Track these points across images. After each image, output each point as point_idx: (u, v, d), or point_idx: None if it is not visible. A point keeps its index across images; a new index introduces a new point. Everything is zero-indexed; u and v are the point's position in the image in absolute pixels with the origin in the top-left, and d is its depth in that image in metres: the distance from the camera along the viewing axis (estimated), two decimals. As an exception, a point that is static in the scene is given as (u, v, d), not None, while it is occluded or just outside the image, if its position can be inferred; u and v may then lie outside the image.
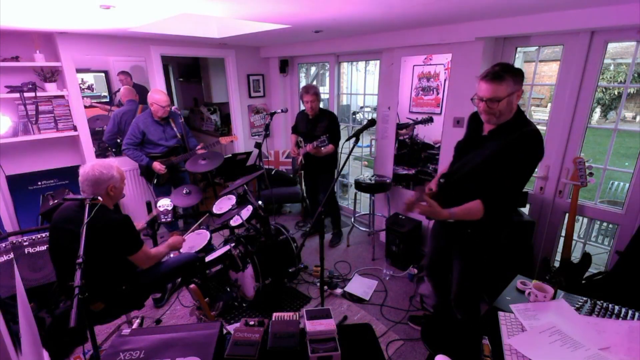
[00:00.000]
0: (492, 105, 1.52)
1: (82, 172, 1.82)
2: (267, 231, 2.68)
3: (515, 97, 1.53)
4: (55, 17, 2.48)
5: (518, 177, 1.56)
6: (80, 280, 1.26)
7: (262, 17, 2.49)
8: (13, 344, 1.27)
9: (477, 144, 1.71)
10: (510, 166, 1.53)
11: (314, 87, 3.25)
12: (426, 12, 2.33)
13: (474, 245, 1.80)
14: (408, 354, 2.26)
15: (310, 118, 3.32)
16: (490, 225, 1.71)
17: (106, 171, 1.85)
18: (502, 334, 1.27)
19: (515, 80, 1.50)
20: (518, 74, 1.52)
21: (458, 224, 1.70)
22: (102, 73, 3.57)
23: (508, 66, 1.52)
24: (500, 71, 1.49)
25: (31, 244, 2.53)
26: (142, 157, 3.26)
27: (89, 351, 2.07)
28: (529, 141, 1.52)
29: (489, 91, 1.51)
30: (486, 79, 1.52)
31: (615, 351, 1.15)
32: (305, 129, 3.37)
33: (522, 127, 1.55)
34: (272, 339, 1.17)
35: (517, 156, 1.52)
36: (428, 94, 3.09)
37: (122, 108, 3.63)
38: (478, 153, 1.66)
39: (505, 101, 1.50)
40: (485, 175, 1.59)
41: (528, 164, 1.55)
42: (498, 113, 1.54)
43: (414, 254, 3.22)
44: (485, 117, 1.61)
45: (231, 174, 3.98)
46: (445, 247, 2.02)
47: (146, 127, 3.24)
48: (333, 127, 3.26)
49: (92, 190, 1.82)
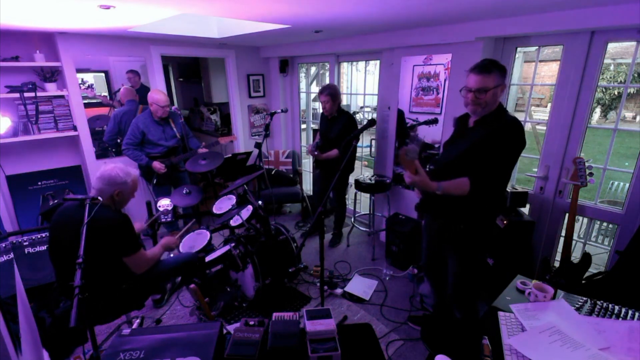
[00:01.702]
0: (480, 95, 1.65)
1: (102, 168, 1.88)
2: (267, 231, 2.68)
3: (499, 90, 1.67)
4: (55, 17, 2.48)
5: (502, 159, 1.67)
6: (80, 280, 1.26)
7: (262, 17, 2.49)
8: (13, 344, 1.27)
9: (462, 136, 1.84)
10: (496, 149, 1.65)
11: (329, 88, 3.23)
12: (426, 12, 2.34)
13: (467, 242, 1.85)
14: (408, 354, 2.26)
15: (329, 119, 3.33)
16: (481, 218, 1.81)
17: (123, 175, 1.89)
18: (502, 334, 1.27)
19: (501, 75, 1.65)
20: (503, 70, 1.66)
21: (449, 216, 1.82)
22: (102, 73, 3.57)
23: (495, 61, 1.67)
24: (489, 64, 1.64)
25: (31, 244, 2.53)
26: (142, 156, 3.26)
27: (89, 351, 2.07)
28: (512, 128, 1.66)
29: (478, 82, 1.64)
30: (475, 71, 1.65)
31: (615, 351, 1.14)
32: (323, 129, 3.38)
33: (503, 117, 1.71)
34: (272, 339, 1.17)
35: (501, 141, 1.65)
36: (428, 94, 3.09)
37: (122, 108, 3.63)
38: (464, 141, 1.79)
39: (491, 92, 1.64)
40: (471, 158, 1.70)
41: (512, 148, 1.67)
42: (484, 104, 1.67)
43: (414, 254, 3.22)
44: (471, 108, 1.73)
45: (231, 174, 3.98)
46: (438, 243, 2.05)
47: (146, 127, 3.24)
48: (347, 128, 3.20)
49: (101, 187, 1.85)
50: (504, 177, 1.75)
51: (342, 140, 3.12)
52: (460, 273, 1.94)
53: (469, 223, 1.81)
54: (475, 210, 1.77)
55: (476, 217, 1.80)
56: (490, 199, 1.77)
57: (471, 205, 1.75)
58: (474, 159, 1.69)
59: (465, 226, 1.80)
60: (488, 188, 1.70)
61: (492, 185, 1.71)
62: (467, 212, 1.78)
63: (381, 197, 3.71)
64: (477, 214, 1.79)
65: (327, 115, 3.32)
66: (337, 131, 3.22)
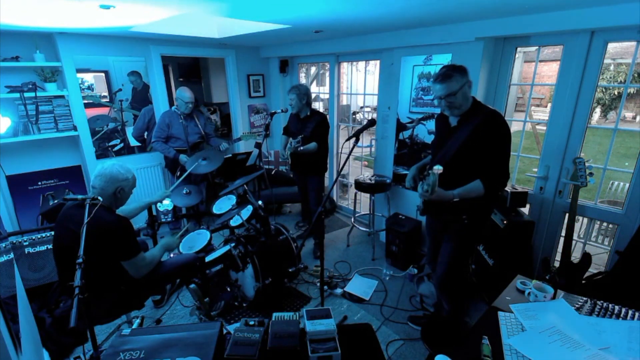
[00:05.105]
0: (451, 99, 1.78)
1: (101, 167, 1.88)
2: (267, 231, 2.68)
3: (467, 87, 1.79)
4: (55, 17, 2.48)
5: (501, 152, 1.80)
6: (80, 280, 1.26)
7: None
8: (13, 344, 1.27)
9: (449, 136, 1.93)
10: (492, 145, 1.77)
11: (295, 88, 3.18)
12: (426, 12, 2.34)
13: (467, 232, 1.97)
14: (408, 354, 2.26)
15: (301, 118, 3.29)
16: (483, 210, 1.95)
17: (124, 172, 1.91)
18: (502, 334, 1.27)
19: (461, 75, 1.77)
20: (462, 69, 1.78)
21: (453, 213, 1.91)
22: (102, 73, 3.57)
23: (452, 65, 1.80)
24: (447, 71, 1.77)
25: (31, 244, 2.53)
26: (170, 149, 3.43)
27: (89, 351, 2.06)
28: (496, 120, 1.79)
29: (443, 90, 1.77)
30: (437, 80, 1.79)
31: (615, 351, 1.15)
32: (295, 128, 3.35)
33: (481, 109, 1.84)
34: (272, 339, 1.17)
35: (493, 135, 1.77)
36: (428, 93, 3.09)
37: (150, 106, 3.90)
38: (453, 142, 1.88)
39: (460, 93, 1.77)
40: (467, 156, 1.82)
41: (505, 138, 1.79)
42: (458, 104, 1.80)
43: (414, 254, 3.22)
44: (449, 112, 1.87)
45: (231, 174, 3.98)
46: (442, 239, 2.11)
47: (171, 121, 3.43)
48: (319, 128, 3.18)
49: (103, 186, 1.84)
50: (507, 169, 1.84)
51: (316, 137, 3.13)
52: (454, 260, 2.03)
53: (472, 215, 1.91)
54: (477, 203, 1.86)
55: (478, 209, 1.91)
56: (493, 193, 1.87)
57: (473, 199, 1.84)
58: (469, 157, 1.82)
59: (468, 216, 1.91)
60: (500, 183, 1.84)
61: (502, 179, 1.83)
62: (470, 206, 1.87)
63: (381, 197, 3.71)
64: (479, 206, 1.89)
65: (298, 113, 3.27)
66: (310, 129, 3.18)
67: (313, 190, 3.38)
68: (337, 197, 4.75)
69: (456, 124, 1.90)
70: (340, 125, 4.49)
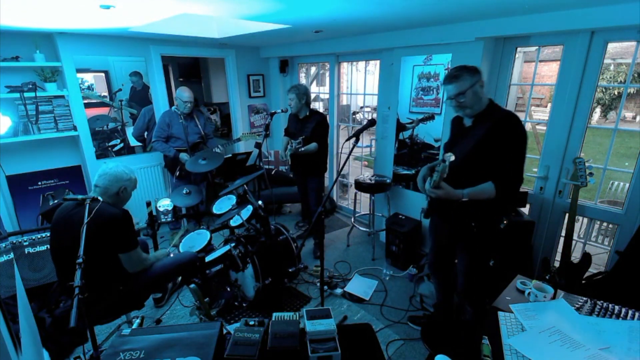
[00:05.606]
0: (460, 99, 1.76)
1: (105, 166, 1.93)
2: (267, 231, 2.68)
3: (478, 86, 1.75)
4: (55, 17, 2.48)
5: (517, 155, 1.74)
6: (80, 280, 1.26)
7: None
8: (13, 344, 1.27)
9: (463, 136, 1.89)
10: (507, 147, 1.72)
11: (294, 87, 3.18)
12: (426, 12, 2.33)
13: (479, 239, 1.90)
14: (408, 354, 2.26)
15: (300, 118, 3.29)
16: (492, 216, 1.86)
17: (128, 172, 1.98)
18: (502, 334, 1.27)
19: (471, 74, 1.74)
20: (471, 69, 1.76)
21: (460, 216, 1.86)
22: (102, 73, 3.57)
23: (461, 66, 1.78)
24: (455, 71, 1.76)
25: (31, 244, 2.53)
26: (170, 149, 3.46)
27: (89, 351, 2.07)
28: (512, 121, 1.74)
29: (452, 90, 1.77)
30: (446, 81, 1.79)
31: (615, 351, 1.15)
32: (294, 129, 3.35)
33: (497, 110, 1.81)
34: (272, 339, 1.17)
35: (508, 137, 1.72)
36: (428, 93, 3.09)
37: (150, 106, 3.91)
38: (467, 142, 1.84)
39: (470, 92, 1.74)
40: (480, 157, 1.77)
41: (521, 141, 1.74)
42: (469, 104, 1.77)
43: (414, 254, 3.22)
44: (461, 112, 1.86)
45: (231, 174, 3.98)
46: (448, 243, 2.08)
47: (171, 121, 3.44)
48: (319, 128, 3.19)
49: (107, 185, 1.89)
50: (521, 172, 1.80)
51: (316, 138, 3.13)
52: (473, 270, 1.99)
53: (481, 221, 1.86)
54: (486, 208, 1.81)
55: (487, 215, 1.85)
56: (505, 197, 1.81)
57: (482, 204, 1.78)
58: (482, 158, 1.76)
59: (477, 223, 1.86)
60: (513, 187, 1.78)
61: (515, 182, 1.78)
62: (478, 211, 1.82)
63: (381, 197, 3.71)
64: (488, 212, 1.84)
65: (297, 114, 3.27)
66: (310, 129, 3.18)
67: (313, 191, 3.38)
68: (337, 197, 4.75)
69: (471, 124, 1.87)
70: (340, 125, 4.50)
